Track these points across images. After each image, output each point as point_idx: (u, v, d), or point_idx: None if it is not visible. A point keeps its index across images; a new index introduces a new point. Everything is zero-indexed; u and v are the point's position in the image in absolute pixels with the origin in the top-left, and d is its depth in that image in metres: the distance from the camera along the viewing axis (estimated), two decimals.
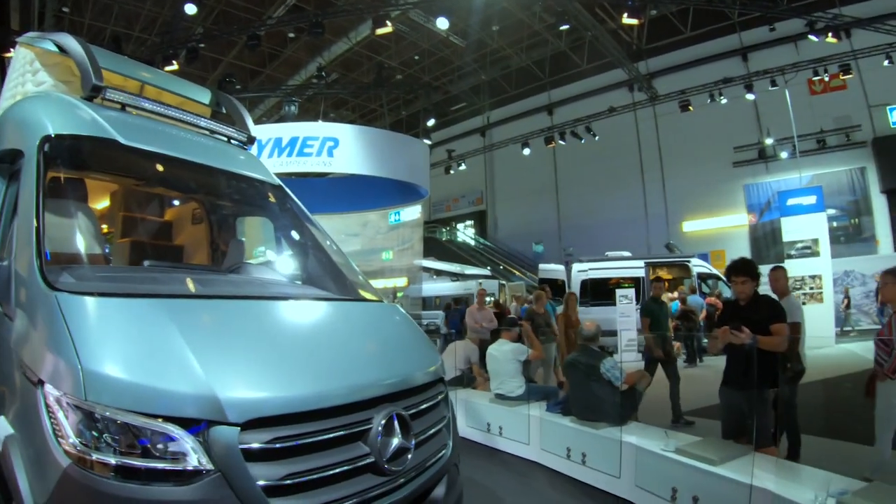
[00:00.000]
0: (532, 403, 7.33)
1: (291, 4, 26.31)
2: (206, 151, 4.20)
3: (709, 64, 28.48)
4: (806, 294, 17.64)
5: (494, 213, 40.48)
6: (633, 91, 31.07)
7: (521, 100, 36.53)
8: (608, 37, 27.33)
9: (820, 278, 17.87)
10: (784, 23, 24.26)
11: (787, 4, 23.12)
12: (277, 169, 15.49)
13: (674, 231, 29.79)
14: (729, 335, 4.99)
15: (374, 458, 2.61)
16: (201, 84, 5.44)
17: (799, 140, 25.41)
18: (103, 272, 3.28)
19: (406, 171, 17.26)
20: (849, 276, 21.43)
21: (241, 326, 2.92)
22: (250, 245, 5.18)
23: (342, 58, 31.60)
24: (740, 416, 5.29)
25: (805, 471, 4.74)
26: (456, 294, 26.35)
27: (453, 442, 3.42)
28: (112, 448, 2.16)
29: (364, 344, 3.42)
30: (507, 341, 8.03)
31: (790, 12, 22.57)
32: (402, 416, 2.83)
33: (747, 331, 4.90)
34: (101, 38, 24.74)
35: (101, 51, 4.30)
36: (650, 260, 19.84)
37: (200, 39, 23.15)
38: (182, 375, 2.32)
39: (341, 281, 4.24)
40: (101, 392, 2.19)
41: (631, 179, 32.04)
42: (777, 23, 24.49)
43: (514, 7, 26.44)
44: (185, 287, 3.36)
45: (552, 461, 6.69)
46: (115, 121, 3.67)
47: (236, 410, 2.28)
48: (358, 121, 36.83)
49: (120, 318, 2.54)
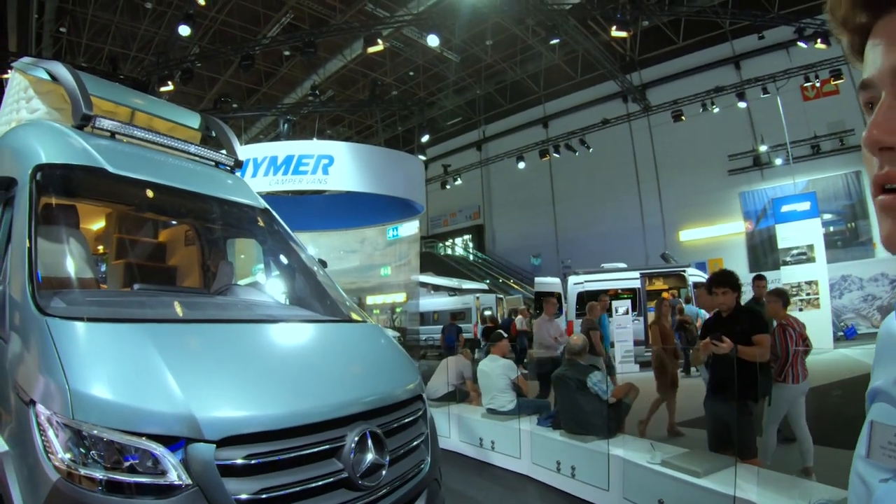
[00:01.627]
0: (523, 418, 7.39)
1: (286, 23, 26.54)
2: (193, 177, 4.30)
3: (702, 73, 28.69)
4: (803, 300, 17.71)
5: (492, 227, 40.52)
6: (626, 102, 31.27)
7: (515, 113, 36.75)
8: (601, 49, 27.52)
9: (816, 284, 17.93)
10: (774, 30, 24.40)
11: (776, 12, 23.31)
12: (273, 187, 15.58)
13: (671, 240, 29.82)
14: (710, 346, 5.07)
15: (348, 473, 2.72)
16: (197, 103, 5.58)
17: (793, 146, 25.57)
18: (93, 297, 3.39)
19: (401, 188, 17.32)
20: (846, 281, 21.47)
21: (222, 349, 3.04)
22: (241, 267, 5.28)
23: (337, 75, 31.74)
24: (725, 427, 5.36)
25: (788, 480, 4.80)
26: (454, 309, 26.43)
27: (433, 458, 3.50)
28: (98, 464, 2.28)
29: (342, 363, 3.52)
30: (498, 357, 8.10)
31: (779, 20, 22.74)
32: (375, 433, 2.93)
33: (728, 341, 4.96)
34: (98, 58, 24.98)
35: (92, 78, 4.41)
36: (646, 271, 19.89)
37: (196, 59, 23.34)
38: (162, 396, 2.45)
39: (325, 302, 4.34)
40: (87, 411, 2.31)
41: (627, 190, 32.14)
42: (767, 30, 24.64)
43: (506, 21, 26.60)
44: (170, 311, 3.48)
45: (543, 475, 6.73)
46: (105, 149, 3.77)
47: (212, 429, 2.40)
48: (354, 137, 37.00)
49: (106, 342, 2.67)
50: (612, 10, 21.79)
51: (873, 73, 0.76)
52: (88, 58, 24.70)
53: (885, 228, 0.75)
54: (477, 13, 22.79)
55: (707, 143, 28.25)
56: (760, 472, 4.81)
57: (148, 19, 24.54)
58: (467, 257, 41.24)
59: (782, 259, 19.08)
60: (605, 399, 6.33)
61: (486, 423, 7.88)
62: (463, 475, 7.12)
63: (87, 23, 23.70)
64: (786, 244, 19.01)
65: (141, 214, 5.15)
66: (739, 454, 4.99)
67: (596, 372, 6.49)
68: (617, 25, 19.92)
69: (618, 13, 20.66)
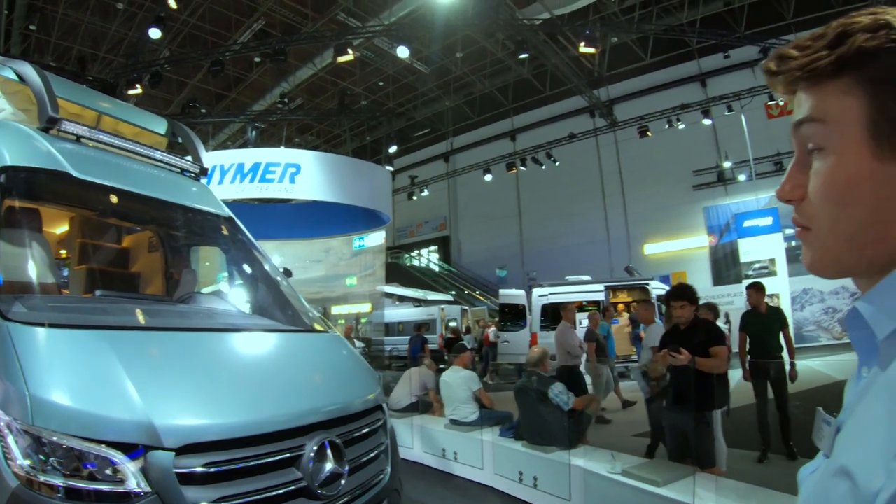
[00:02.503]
0: (485, 429, 7.41)
1: (258, 29, 26.42)
2: (157, 184, 4.27)
3: (668, 90, 29.03)
4: None
5: (458, 239, 40.50)
6: (594, 117, 31.53)
7: (484, 126, 36.86)
8: (569, 64, 27.77)
9: (778, 297, 18.23)
10: (740, 49, 24.78)
11: (742, 32, 23.74)
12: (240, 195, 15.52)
13: (635, 254, 30.08)
14: (668, 358, 5.16)
15: (307, 482, 2.72)
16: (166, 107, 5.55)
17: (756, 163, 26.01)
18: (54, 302, 3.34)
19: (368, 198, 17.35)
20: (807, 294, 21.84)
21: (183, 357, 3.03)
22: (205, 275, 5.26)
23: (307, 83, 31.61)
24: (684, 437, 5.45)
25: (746, 489, 4.83)
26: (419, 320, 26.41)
27: (393, 468, 3.52)
28: (58, 471, 2.25)
29: (303, 373, 3.53)
30: (461, 368, 8.13)
31: (745, 39, 23.15)
32: (334, 443, 2.93)
33: (686, 352, 5.05)
34: (66, 57, 24.59)
35: (59, 80, 4.37)
36: (610, 283, 20.05)
37: (165, 63, 23.14)
38: (122, 404, 2.44)
39: (287, 311, 4.34)
40: (47, 418, 2.29)
41: (592, 204, 32.37)
42: (733, 49, 25.05)
43: (477, 34, 26.75)
44: (132, 318, 3.42)
45: (505, 485, 6.73)
46: (70, 153, 3.74)
47: (171, 436, 2.40)
48: (322, 146, 36.84)
49: (67, 348, 2.65)
50: (582, 27, 22.01)
51: None
52: (57, 57, 24.30)
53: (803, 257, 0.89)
54: (448, 26, 22.87)
55: (672, 158, 28.57)
56: (719, 480, 4.88)
57: (119, 20, 24.16)
58: (433, 268, 41.19)
59: (744, 273, 19.42)
60: (566, 410, 6.38)
61: (448, 433, 7.87)
62: (425, 486, 7.12)
63: (58, 21, 23.26)
64: (748, 258, 19.37)
65: (104, 220, 5.09)
66: (698, 463, 5.08)
67: (557, 383, 6.54)
68: (586, 41, 20.11)
69: (587, 29, 20.88)
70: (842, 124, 0.78)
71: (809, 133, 0.82)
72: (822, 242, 0.83)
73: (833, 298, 20.95)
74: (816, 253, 0.85)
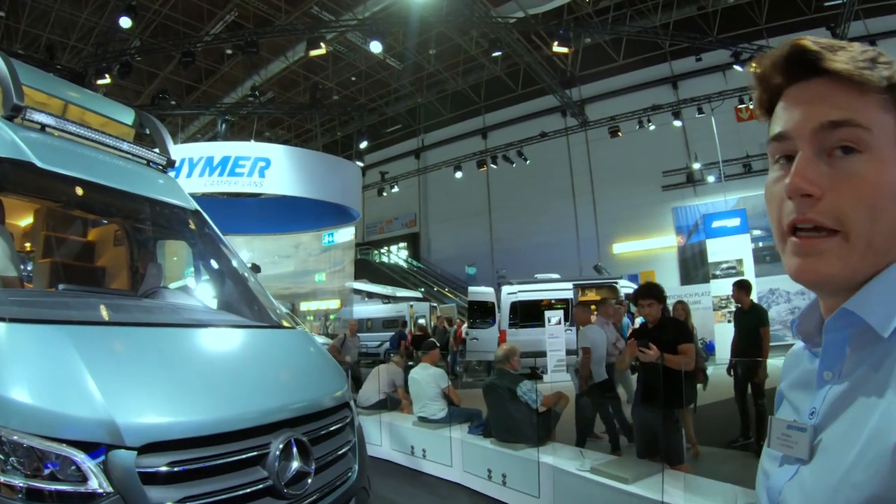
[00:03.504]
0: (454, 426, 7.41)
1: (230, 21, 26.15)
2: (124, 176, 4.19)
3: (640, 91, 29.29)
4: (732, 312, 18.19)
5: (428, 236, 40.52)
6: (565, 116, 31.64)
7: (455, 123, 36.89)
8: (542, 64, 27.84)
9: None
10: (712, 53, 25.03)
11: (715, 36, 23.97)
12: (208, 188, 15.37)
13: (604, 253, 30.25)
14: (636, 349, 5.20)
15: (273, 481, 2.67)
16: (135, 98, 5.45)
17: (725, 165, 26.35)
18: (15, 296, 3.25)
19: (338, 193, 17.27)
20: (773, 294, 22.11)
21: (146, 353, 2.96)
22: (171, 269, 5.18)
23: (279, 76, 31.40)
24: (652, 434, 5.49)
25: (714, 486, 4.89)
26: (388, 316, 26.35)
27: (361, 465, 3.49)
28: (18, 471, 2.18)
29: (269, 370, 3.49)
30: (430, 365, 8.12)
31: (717, 43, 23.38)
32: (300, 441, 2.89)
33: (654, 348, 5.10)
34: (35, 45, 24.14)
35: (26, 67, 4.27)
36: (578, 282, 20.13)
37: (136, 53, 22.82)
38: (83, 401, 2.37)
39: (254, 307, 4.29)
40: (7, 416, 2.22)
41: (562, 203, 32.54)
42: (705, 53, 25.29)
43: (451, 32, 26.77)
44: (95, 313, 3.35)
45: (474, 482, 6.74)
46: (34, 142, 3.64)
47: (133, 435, 2.33)
48: (293, 140, 36.59)
49: (27, 343, 2.58)
50: (555, 26, 22.05)
51: (789, 128, 0.88)
52: (26, 45, 23.86)
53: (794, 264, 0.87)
54: (422, 22, 22.81)
55: (642, 159, 28.80)
56: (687, 477, 4.92)
57: (90, 8, 23.70)
58: (402, 265, 41.13)
59: (712, 273, 19.56)
60: (534, 408, 6.39)
61: (417, 431, 7.86)
62: (394, 483, 7.11)
63: (27, 8, 22.80)
64: (716, 258, 19.51)
65: (69, 212, 4.99)
66: (667, 460, 5.12)
67: (525, 381, 6.55)
68: (559, 41, 20.15)
69: (560, 29, 20.92)
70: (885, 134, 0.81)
71: (851, 135, 0.82)
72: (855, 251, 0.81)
73: (798, 298, 21.25)
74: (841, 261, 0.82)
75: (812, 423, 0.87)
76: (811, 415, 0.88)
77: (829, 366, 0.87)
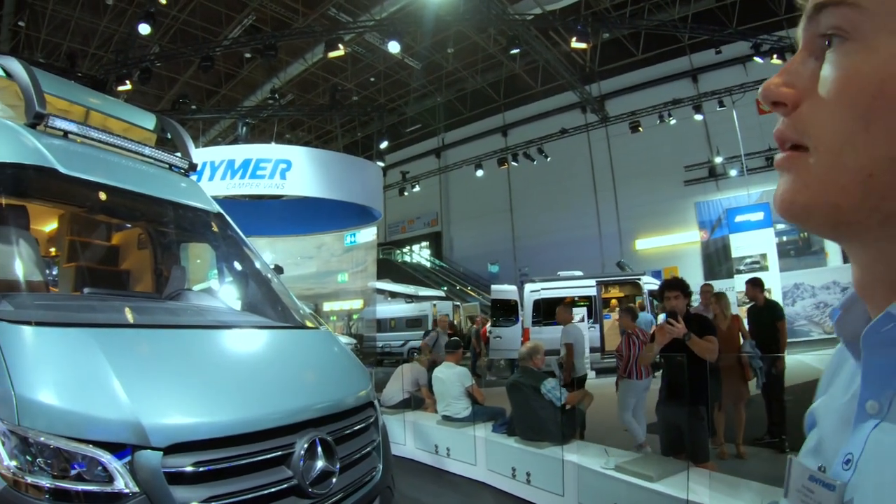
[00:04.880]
0: (478, 424, 7.40)
1: (248, 25, 26.31)
2: (146, 180, 4.22)
3: (660, 86, 29.09)
4: None
5: (450, 235, 40.55)
6: (585, 112, 31.52)
7: (475, 122, 36.88)
8: (561, 60, 27.76)
9: (770, 292, 18.23)
10: (732, 45, 24.80)
11: (734, 27, 23.74)
12: (230, 191, 15.44)
13: (627, 249, 30.06)
14: (666, 327, 5.18)
15: (298, 481, 2.69)
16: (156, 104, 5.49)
17: (747, 158, 25.96)
18: (41, 300, 3.30)
19: (359, 194, 17.28)
20: (798, 289, 21.86)
21: (171, 354, 2.99)
22: (195, 272, 5.22)
23: (298, 78, 31.57)
24: (677, 432, 5.45)
25: (741, 484, 4.85)
26: (411, 316, 26.35)
27: (385, 465, 3.49)
28: (45, 472, 2.21)
29: (293, 370, 3.50)
30: (454, 364, 8.12)
31: (737, 35, 23.15)
32: (325, 441, 2.90)
33: (682, 324, 5.10)
34: (56, 54, 24.42)
35: (47, 75, 4.31)
36: (601, 279, 20.03)
37: (155, 59, 23.01)
38: (109, 403, 2.40)
39: (278, 308, 4.30)
40: (34, 418, 2.25)
41: (584, 199, 32.44)
42: (725, 45, 25.06)
43: (468, 30, 26.72)
44: (120, 316, 3.39)
45: (498, 481, 6.72)
46: (57, 149, 3.67)
47: (159, 435, 2.36)
48: (314, 142, 36.78)
49: (53, 346, 2.61)
50: (574, 22, 21.94)
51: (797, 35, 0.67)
52: (46, 54, 24.11)
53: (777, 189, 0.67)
54: (439, 21, 22.81)
55: (663, 154, 28.63)
56: (712, 475, 4.86)
57: (108, 16, 24.02)
58: (424, 264, 41.16)
59: (736, 268, 19.43)
60: (559, 405, 6.37)
61: (441, 429, 7.86)
62: (418, 482, 7.11)
63: (47, 17, 23.07)
64: (740, 253, 19.37)
65: (93, 217, 5.05)
66: (692, 458, 5.07)
67: (550, 378, 6.53)
68: (577, 37, 20.10)
69: (579, 25, 20.85)
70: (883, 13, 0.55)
71: (837, 18, 0.58)
72: (824, 170, 0.59)
73: (824, 293, 20.97)
74: (809, 185, 0.61)
75: (844, 480, 0.60)
76: (846, 463, 0.61)
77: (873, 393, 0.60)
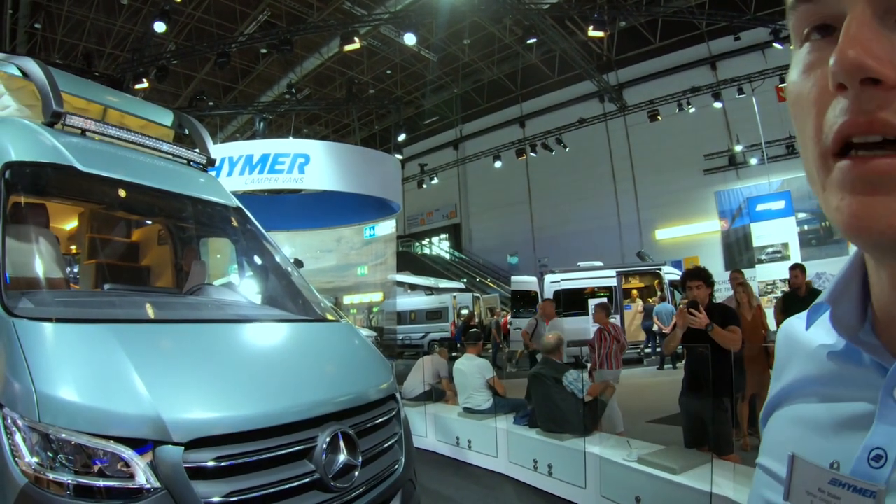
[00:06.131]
0: (499, 416, 7.39)
1: (263, 20, 26.36)
2: (164, 176, 4.23)
3: (678, 73, 28.74)
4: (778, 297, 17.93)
5: (469, 226, 40.48)
6: (603, 102, 31.24)
7: (493, 112, 36.70)
8: (578, 49, 27.55)
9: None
10: (750, 32, 24.52)
11: (752, 14, 23.47)
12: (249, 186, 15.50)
13: (647, 239, 29.89)
14: (686, 315, 5.12)
15: (320, 475, 2.69)
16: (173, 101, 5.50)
17: (768, 146, 25.66)
18: (62, 297, 3.33)
19: (378, 187, 17.29)
20: (820, 278, 21.64)
21: (192, 349, 3.00)
22: (215, 266, 5.24)
23: (314, 73, 31.58)
24: (700, 424, 5.40)
25: None
26: (431, 308, 26.38)
27: (407, 458, 3.48)
28: (66, 468, 2.23)
29: (315, 363, 3.50)
30: (474, 356, 8.11)
31: (756, 21, 22.87)
32: (347, 434, 2.90)
33: (704, 314, 5.05)
34: (73, 54, 24.57)
35: (64, 74, 4.34)
36: (622, 269, 19.97)
37: (172, 56, 23.12)
38: (130, 398, 2.41)
39: (298, 301, 4.30)
40: (55, 414, 2.26)
41: (603, 189, 32.22)
42: (744, 32, 24.77)
43: (484, 20, 26.57)
44: (140, 311, 3.42)
45: (520, 473, 6.73)
46: (75, 147, 3.70)
47: (180, 431, 2.36)
48: (331, 136, 36.79)
49: (74, 343, 2.62)
50: (590, 11, 21.79)
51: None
52: (63, 54, 24.30)
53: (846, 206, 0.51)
54: (455, 12, 22.74)
55: (683, 142, 28.33)
56: (736, 468, 4.80)
57: (123, 16, 24.14)
58: (444, 256, 41.18)
59: (757, 257, 19.30)
60: (580, 397, 6.34)
61: (462, 421, 7.87)
62: (440, 475, 7.11)
63: (63, 19, 23.28)
64: (761, 242, 19.23)
65: (112, 213, 5.09)
66: (716, 450, 5.03)
67: (571, 370, 6.51)
68: (594, 25, 19.95)
69: (595, 13, 20.68)
70: None
71: None
72: None
73: None
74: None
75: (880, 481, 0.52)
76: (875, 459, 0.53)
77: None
